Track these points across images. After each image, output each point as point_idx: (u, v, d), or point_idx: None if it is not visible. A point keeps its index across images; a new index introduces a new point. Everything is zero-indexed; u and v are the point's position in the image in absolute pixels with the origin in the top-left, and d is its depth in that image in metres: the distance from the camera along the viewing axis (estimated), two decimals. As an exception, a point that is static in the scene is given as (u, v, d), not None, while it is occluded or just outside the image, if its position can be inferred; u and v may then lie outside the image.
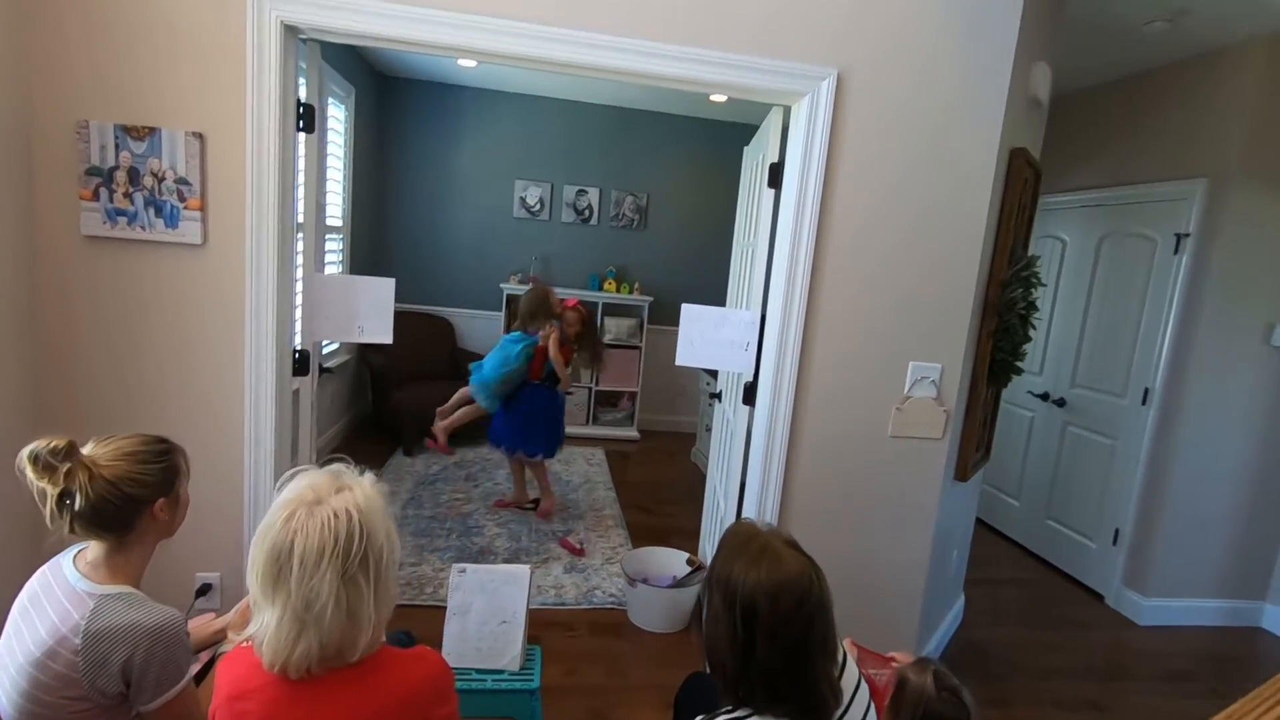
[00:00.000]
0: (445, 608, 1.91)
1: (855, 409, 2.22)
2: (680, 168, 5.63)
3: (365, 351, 4.93)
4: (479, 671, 1.85)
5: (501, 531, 3.54)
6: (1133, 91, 3.43)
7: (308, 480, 1.00)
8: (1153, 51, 3.13)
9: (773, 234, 2.23)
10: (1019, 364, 2.55)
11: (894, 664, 1.60)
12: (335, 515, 0.95)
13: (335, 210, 4.45)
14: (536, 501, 3.84)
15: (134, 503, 1.20)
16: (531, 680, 1.86)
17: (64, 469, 1.14)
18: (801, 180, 2.08)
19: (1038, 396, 3.88)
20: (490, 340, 5.41)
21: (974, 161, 2.14)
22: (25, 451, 1.12)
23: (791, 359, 2.15)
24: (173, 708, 1.17)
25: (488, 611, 1.91)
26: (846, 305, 2.16)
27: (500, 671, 1.86)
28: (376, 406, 4.95)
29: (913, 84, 2.08)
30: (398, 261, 5.37)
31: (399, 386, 4.59)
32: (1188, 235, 3.08)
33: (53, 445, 1.14)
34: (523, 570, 1.96)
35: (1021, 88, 2.27)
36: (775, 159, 2.24)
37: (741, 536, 1.18)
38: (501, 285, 5.37)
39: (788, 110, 2.19)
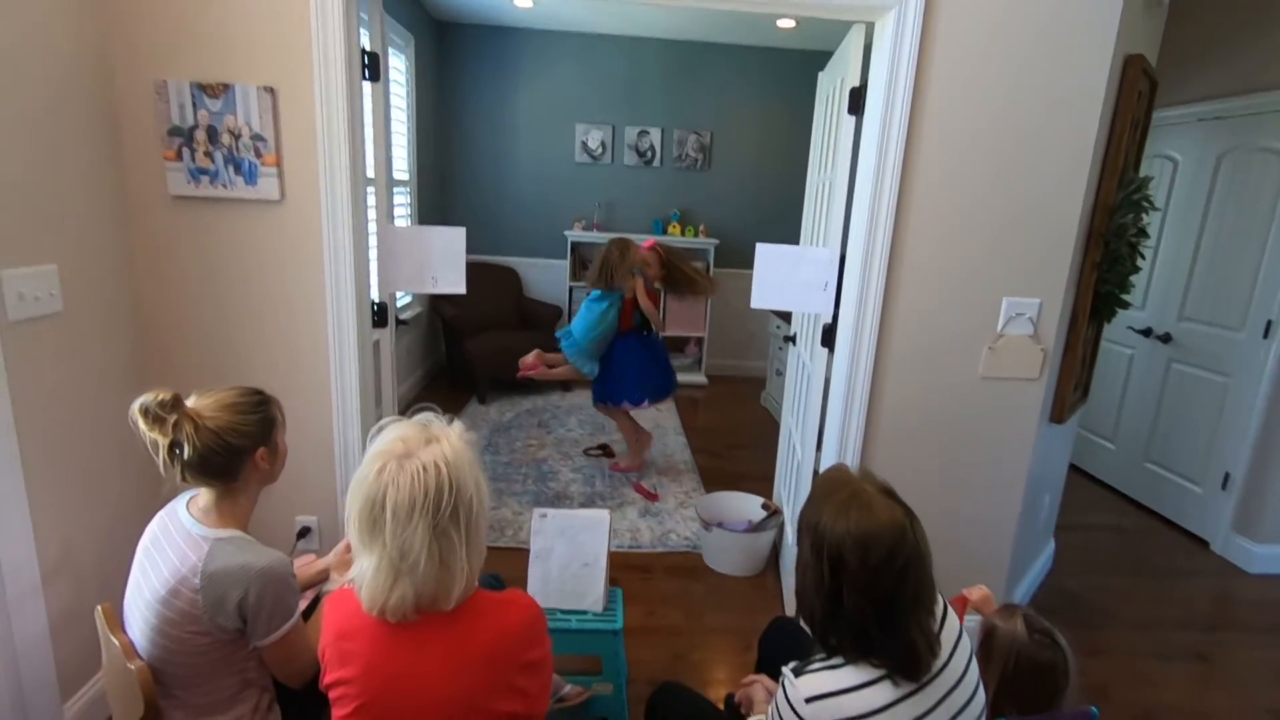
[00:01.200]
0: (526, 550, 1.95)
1: (943, 349, 2.10)
2: (745, 102, 5.39)
3: (437, 303, 5.03)
4: (563, 612, 1.90)
5: (576, 477, 3.60)
6: (1267, -17, 3.02)
7: (397, 432, 1.00)
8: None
9: (853, 165, 2.09)
10: (1126, 297, 2.35)
11: (965, 601, 1.55)
12: (424, 469, 0.95)
13: (400, 164, 4.48)
14: (606, 449, 3.88)
15: (237, 452, 1.25)
16: (615, 621, 1.89)
17: (171, 420, 1.19)
18: (886, 104, 1.92)
19: (1139, 332, 3.60)
20: (556, 288, 5.45)
21: (1083, 74, 1.93)
22: (136, 404, 1.18)
23: (874, 298, 2.04)
24: (285, 642, 1.24)
25: (569, 555, 1.95)
26: (935, 239, 2.02)
27: (584, 612, 1.90)
28: (450, 356, 5.08)
29: (1014, -12, 1.87)
30: (462, 212, 5.41)
31: (470, 336, 4.68)
32: (1328, 147, 2.73)
33: (160, 398, 1.19)
34: (602, 515, 1.97)
35: (1141, -16, 2.02)
36: (856, 82, 2.08)
37: (832, 482, 1.14)
38: (566, 232, 5.34)
39: (870, 28, 2.02)
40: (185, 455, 1.21)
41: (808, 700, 1.03)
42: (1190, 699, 2.26)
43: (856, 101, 2.07)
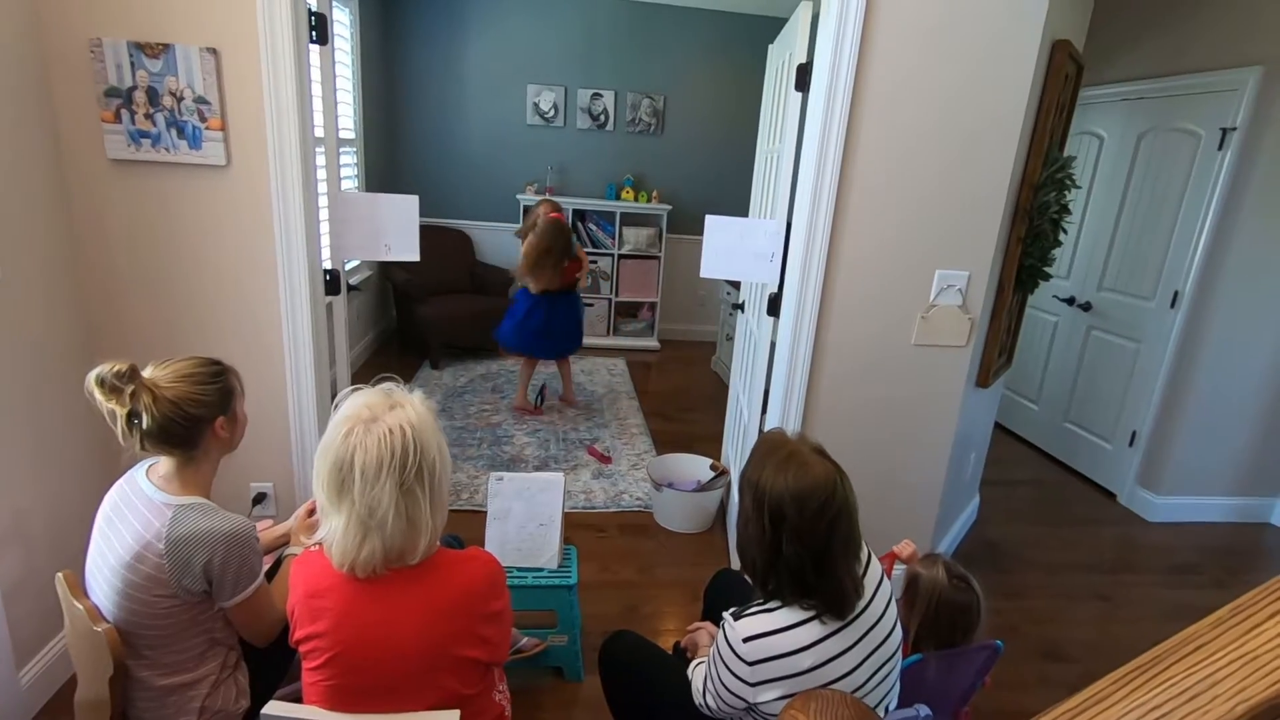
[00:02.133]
0: (482, 513, 2.02)
1: (880, 318, 2.23)
2: (700, 66, 5.38)
3: (387, 268, 4.96)
4: (519, 569, 1.99)
5: (530, 440, 3.67)
6: (1189, -30, 3.18)
7: (363, 399, 1.05)
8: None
9: (799, 139, 2.17)
10: (1048, 269, 2.52)
11: (895, 558, 1.70)
12: (390, 431, 1.01)
13: (346, 122, 4.36)
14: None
15: (196, 422, 1.28)
16: (569, 577, 1.99)
17: (129, 390, 1.20)
18: (831, 82, 1.99)
19: (1063, 301, 3.84)
20: (508, 252, 5.41)
21: (1012, 58, 2.03)
22: (92, 375, 1.19)
23: (817, 269, 2.15)
24: (250, 603, 1.30)
25: (525, 516, 2.03)
26: (874, 213, 2.13)
27: (540, 570, 2.00)
28: (401, 321, 5.04)
29: (952, -28, 1.94)
30: (411, 174, 5.30)
31: (422, 301, 4.65)
32: (1234, 129, 2.94)
33: (116, 369, 1.20)
34: (557, 477, 2.05)
35: (1069, -28, 2.12)
36: (803, 59, 2.14)
37: (771, 443, 1.24)
38: (518, 196, 5.30)
39: (817, 4, 2.08)
40: (144, 425, 1.22)
41: (745, 640, 1.14)
42: (1092, 633, 2.52)
43: (803, 78, 2.14)
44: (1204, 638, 0.44)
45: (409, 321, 4.84)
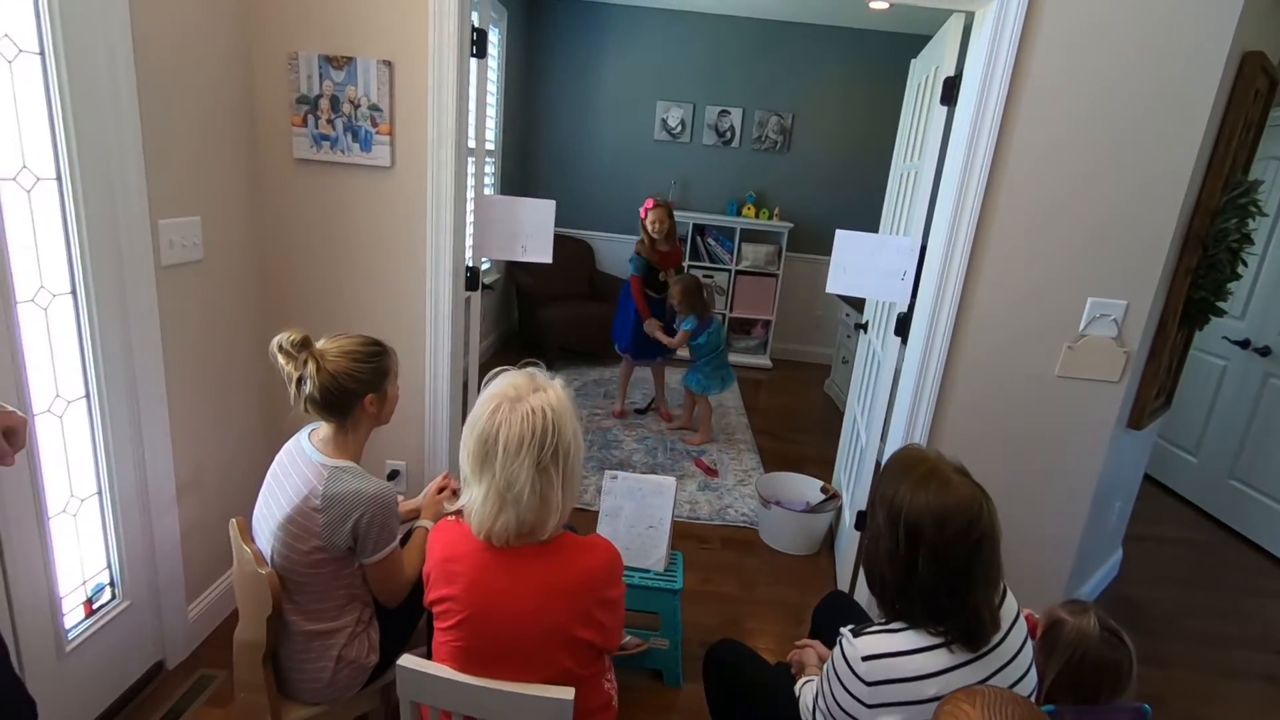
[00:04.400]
0: (589, 512, 2.08)
1: (1020, 344, 2.10)
2: (830, 85, 5.30)
3: (513, 270, 5.21)
4: (628, 568, 2.01)
5: (639, 447, 3.72)
6: None
7: (509, 379, 1.12)
8: None
9: (941, 155, 2.09)
10: (1221, 305, 2.27)
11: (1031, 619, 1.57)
12: (533, 411, 1.07)
13: (489, 134, 4.64)
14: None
15: (349, 394, 1.40)
16: (675, 581, 2.00)
17: (301, 357, 1.35)
18: (981, 97, 1.91)
19: (1235, 343, 3.43)
20: (627, 263, 5.51)
21: (1194, 71, 1.86)
22: (275, 340, 1.35)
23: (953, 290, 2.05)
24: (386, 563, 1.41)
25: (636, 516, 2.06)
26: (1021, 234, 2.01)
27: (647, 571, 2.02)
28: (522, 323, 5.27)
29: (1127, -20, 1.82)
30: (542, 184, 5.55)
31: (544, 305, 4.84)
32: None
33: (292, 338, 1.35)
34: (669, 481, 2.08)
35: (1268, -22, 1.92)
36: (951, 72, 2.07)
37: (909, 459, 1.19)
38: (640, 209, 5.41)
39: (970, 17, 2.00)
40: (307, 390, 1.36)
41: (865, 658, 1.10)
42: (1254, 718, 2.22)
43: (950, 91, 2.06)
44: None
45: (530, 323, 5.06)
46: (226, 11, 1.87)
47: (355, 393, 1.42)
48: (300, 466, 1.40)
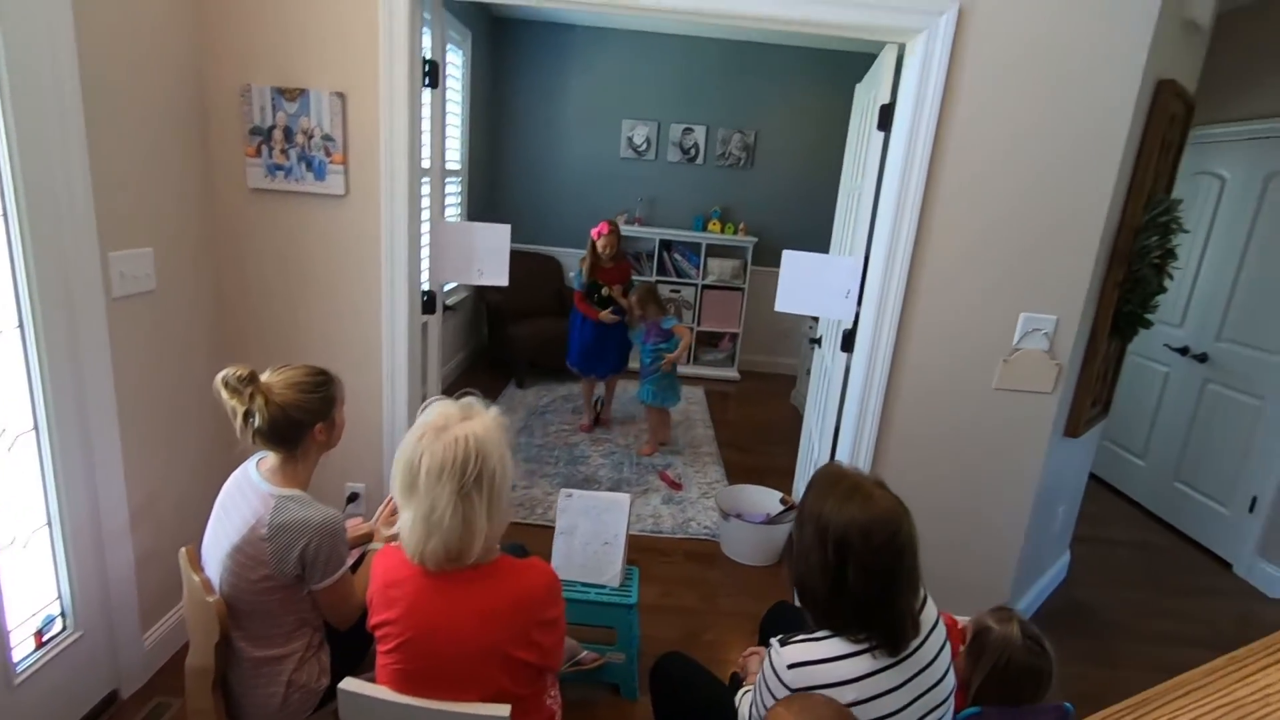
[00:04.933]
0: (550, 528, 2.12)
1: (958, 359, 2.19)
2: (791, 102, 5.43)
3: (481, 289, 5.24)
4: (583, 584, 2.06)
5: (605, 462, 3.77)
6: (1327, 2, 2.96)
7: (441, 409, 1.17)
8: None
9: (880, 178, 2.18)
10: (1149, 316, 2.38)
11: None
12: (456, 440, 1.12)
13: (453, 154, 4.68)
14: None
15: (298, 425, 1.43)
16: (629, 596, 2.05)
17: (247, 392, 1.38)
18: (913, 122, 2.01)
19: (1176, 350, 3.58)
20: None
21: (1110, 99, 1.98)
22: (219, 376, 1.37)
23: (893, 307, 2.14)
24: (336, 588, 1.43)
25: (591, 533, 2.10)
26: (955, 253, 2.10)
27: (603, 587, 2.06)
28: (491, 340, 5.29)
29: (1043, 15, 1.93)
30: (510, 203, 5.60)
31: (512, 322, 4.88)
32: (1378, 172, 2.69)
33: (238, 374, 1.38)
34: (624, 498, 2.12)
35: (1175, 11, 2.04)
36: (886, 99, 2.16)
37: (832, 476, 1.25)
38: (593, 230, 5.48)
39: (902, 47, 2.10)
40: (256, 423, 1.39)
41: (790, 666, 1.16)
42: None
43: (886, 118, 2.15)
44: (1195, 684, 0.45)
45: (499, 341, 5.09)
46: (177, 45, 1.90)
47: (304, 423, 1.45)
48: (248, 495, 1.43)
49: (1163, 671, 2.44)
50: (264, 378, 1.43)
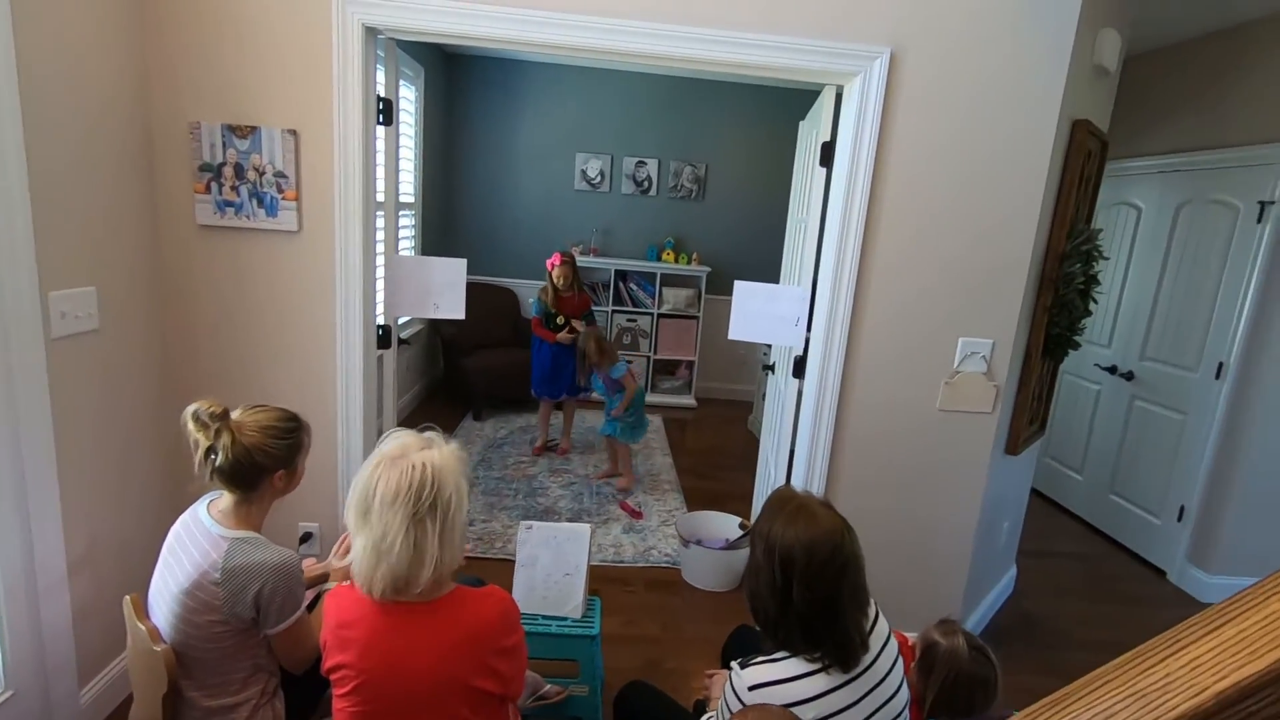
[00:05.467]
0: (513, 561, 2.10)
1: (903, 383, 2.28)
2: (740, 136, 5.62)
3: (437, 321, 5.21)
4: (544, 617, 2.05)
5: (565, 493, 3.75)
6: (1216, 49, 3.24)
7: (400, 439, 1.18)
8: (1238, 6, 2.95)
9: (824, 211, 2.29)
10: (1077, 339, 2.53)
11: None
12: (413, 467, 1.13)
13: (407, 187, 4.68)
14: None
15: (259, 469, 1.41)
16: (592, 627, 2.04)
17: (214, 428, 1.35)
18: (853, 160, 2.12)
19: (1105, 369, 3.79)
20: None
21: (1031, 138, 2.13)
22: (189, 409, 1.35)
23: (840, 335, 2.22)
24: (291, 632, 1.40)
25: (552, 565, 2.10)
26: (895, 283, 2.21)
27: (564, 619, 2.05)
28: (448, 373, 5.25)
29: (967, 61, 2.07)
30: (464, 235, 5.60)
31: (468, 354, 4.85)
32: (1273, 203, 2.94)
33: (210, 409, 1.35)
34: (584, 528, 2.13)
35: (1086, 57, 2.22)
36: (827, 138, 2.28)
37: (781, 498, 1.31)
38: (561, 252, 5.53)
39: (840, 88, 2.22)
40: (217, 462, 1.37)
41: (750, 688, 1.19)
42: None
43: (827, 155, 2.27)
44: (1106, 677, 0.50)
45: (455, 373, 5.05)
46: (124, 81, 1.88)
47: (266, 468, 1.42)
48: (198, 538, 1.39)
49: (1107, 678, 2.57)
50: (235, 415, 1.41)
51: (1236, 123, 3.15)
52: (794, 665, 1.21)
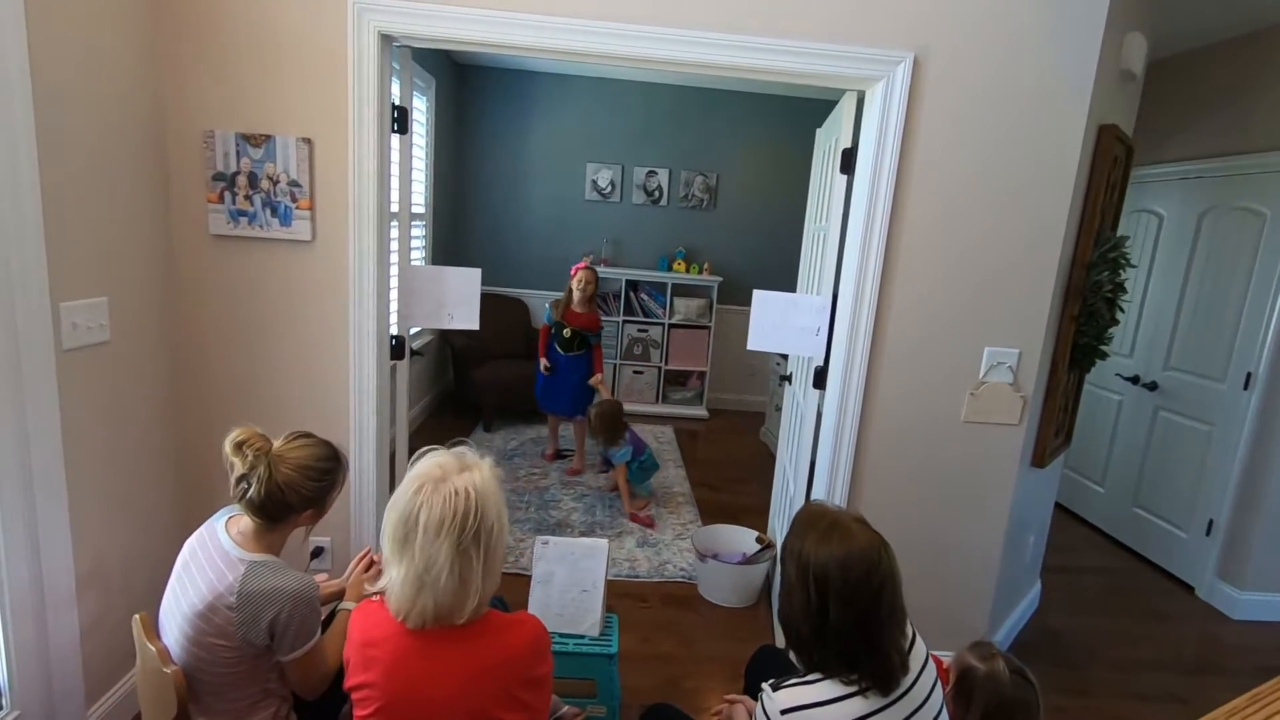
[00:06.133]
0: (526, 576, 2.06)
1: (927, 394, 2.23)
2: (751, 146, 5.59)
3: (447, 332, 5.17)
4: (561, 635, 1.99)
5: (577, 506, 3.70)
6: (1239, 55, 3.19)
7: (436, 459, 1.13)
8: (1261, 10, 2.90)
9: (844, 219, 2.24)
10: (1104, 348, 2.47)
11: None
12: (456, 492, 1.08)
13: (418, 198, 4.67)
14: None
15: (289, 507, 1.37)
16: (610, 645, 1.99)
17: (253, 458, 1.32)
18: (875, 166, 2.07)
19: (1127, 380, 3.72)
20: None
21: (1058, 142, 2.08)
22: (232, 436, 1.33)
23: (862, 345, 2.17)
24: (306, 659, 1.36)
25: (569, 581, 2.05)
26: (920, 291, 2.16)
27: (581, 636, 2.00)
28: (458, 384, 5.21)
29: (993, 65, 2.03)
30: (475, 245, 5.59)
31: (479, 365, 4.82)
32: (1301, 209, 2.88)
33: (256, 444, 1.33)
34: (601, 544, 2.08)
35: (1112, 61, 2.18)
36: (848, 144, 2.24)
37: (812, 515, 1.25)
38: (573, 267, 5.50)
39: (862, 94, 2.18)
40: (249, 493, 1.33)
41: (784, 711, 1.13)
42: (1167, 740, 2.33)
43: (848, 161, 2.22)
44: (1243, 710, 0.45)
45: (465, 384, 5.01)
46: (138, 90, 1.86)
47: (296, 507, 1.38)
48: (214, 559, 1.35)
49: (1135, 698, 2.50)
50: (276, 445, 1.37)
51: (1261, 128, 3.09)
52: (830, 688, 1.15)
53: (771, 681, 1.20)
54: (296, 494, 1.36)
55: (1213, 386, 3.26)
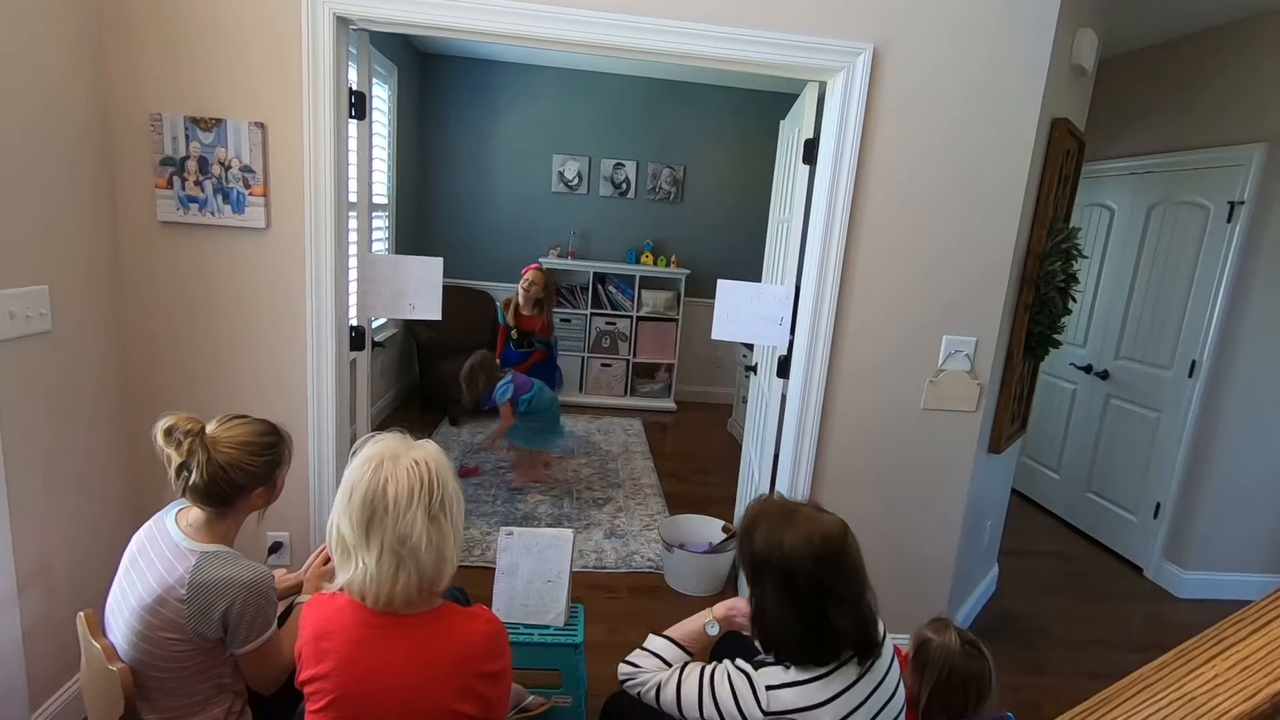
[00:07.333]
0: (493, 569, 2.04)
1: (888, 382, 2.26)
2: (718, 139, 5.61)
3: (412, 325, 5.10)
4: (526, 626, 1.98)
5: (544, 498, 3.68)
6: (1185, 53, 3.30)
7: (382, 442, 1.12)
8: (1206, 11, 3.00)
9: (807, 209, 2.26)
10: (1057, 337, 2.54)
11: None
12: (416, 463, 1.08)
13: (380, 188, 4.58)
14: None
15: (238, 487, 1.34)
16: (575, 635, 1.98)
17: (188, 444, 1.28)
18: (836, 156, 2.10)
19: (1080, 369, 3.83)
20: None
21: (1012, 135, 2.13)
22: (160, 424, 1.27)
23: (825, 334, 2.20)
24: (261, 651, 1.33)
25: (533, 572, 2.04)
26: (880, 281, 2.19)
27: (546, 627, 1.99)
28: (423, 377, 5.14)
29: (949, 58, 2.07)
30: (440, 237, 5.51)
31: (444, 358, 4.76)
32: (1242, 203, 2.99)
33: (186, 426, 1.28)
34: (566, 534, 2.07)
35: (1064, 57, 2.23)
36: (810, 135, 2.26)
37: (778, 510, 1.24)
38: (540, 260, 5.46)
39: (823, 85, 2.20)
40: (191, 480, 1.29)
41: (769, 687, 1.15)
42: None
43: (810, 152, 2.24)
44: (1148, 679, 0.46)
45: (431, 378, 4.94)
46: (80, 70, 1.79)
47: (243, 486, 1.34)
48: (164, 552, 1.31)
49: (1088, 676, 2.58)
50: (210, 429, 1.33)
51: (1206, 125, 3.20)
52: (807, 670, 1.17)
53: (755, 659, 1.22)
54: (242, 472, 1.32)
55: (1160, 374, 3.38)
